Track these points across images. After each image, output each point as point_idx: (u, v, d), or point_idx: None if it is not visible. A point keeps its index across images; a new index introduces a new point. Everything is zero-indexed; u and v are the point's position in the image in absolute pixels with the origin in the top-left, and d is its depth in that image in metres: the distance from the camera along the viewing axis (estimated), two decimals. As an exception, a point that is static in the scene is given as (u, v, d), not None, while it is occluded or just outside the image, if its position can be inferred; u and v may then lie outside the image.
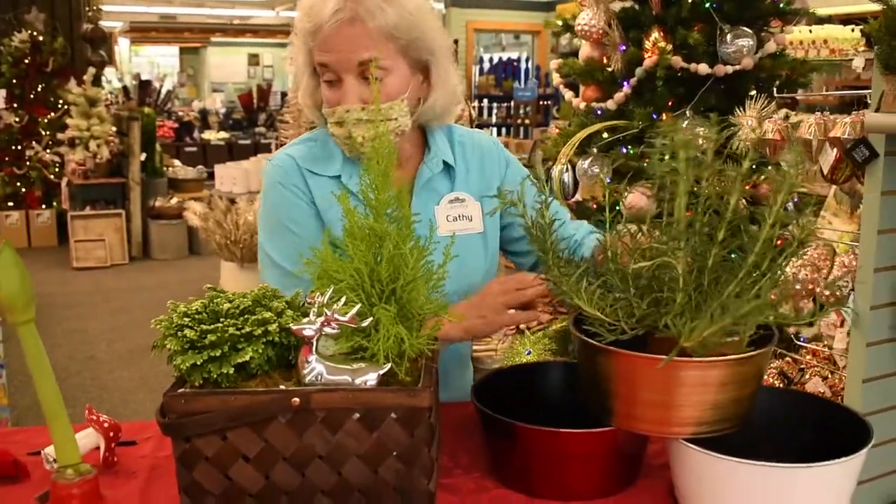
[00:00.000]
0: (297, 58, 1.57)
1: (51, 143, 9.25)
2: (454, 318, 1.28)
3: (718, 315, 1.07)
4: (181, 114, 15.95)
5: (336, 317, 1.16)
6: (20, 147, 9.30)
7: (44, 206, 9.37)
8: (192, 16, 18.98)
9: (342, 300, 1.18)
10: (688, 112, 2.79)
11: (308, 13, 1.48)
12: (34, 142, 9.32)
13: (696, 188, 1.15)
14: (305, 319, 1.16)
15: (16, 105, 9.31)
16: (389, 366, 1.18)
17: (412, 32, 1.51)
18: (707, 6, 2.81)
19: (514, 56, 14.54)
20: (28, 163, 9.28)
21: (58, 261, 8.46)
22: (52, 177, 9.24)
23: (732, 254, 1.12)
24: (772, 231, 1.07)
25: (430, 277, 1.26)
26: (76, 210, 8.38)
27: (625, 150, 2.88)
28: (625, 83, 2.94)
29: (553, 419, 1.26)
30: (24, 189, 9.29)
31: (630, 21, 2.96)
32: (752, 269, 1.11)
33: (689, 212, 1.12)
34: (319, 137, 1.65)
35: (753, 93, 2.74)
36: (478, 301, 1.49)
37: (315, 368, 1.16)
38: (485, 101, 13.05)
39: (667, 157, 1.11)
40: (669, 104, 2.85)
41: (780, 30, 2.95)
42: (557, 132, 3.22)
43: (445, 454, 1.37)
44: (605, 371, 1.17)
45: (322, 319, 1.16)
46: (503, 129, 12.75)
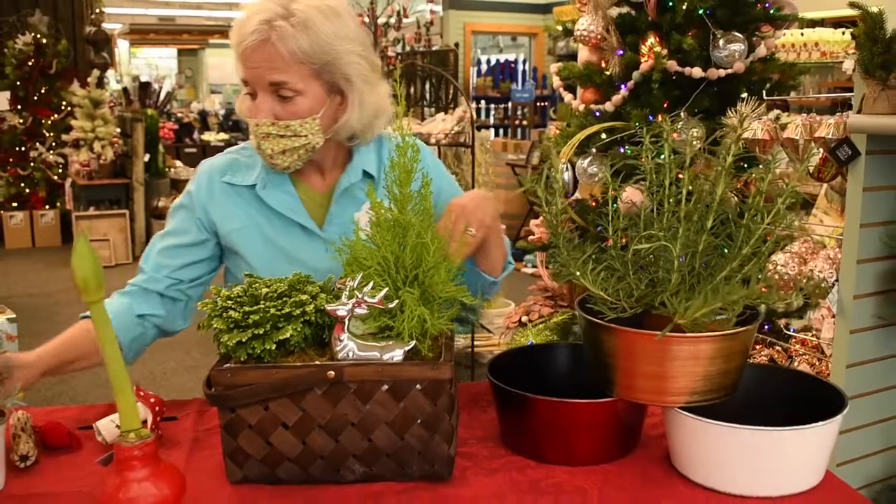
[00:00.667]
0: (235, 69, 1.67)
1: (54, 145, 9.36)
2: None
3: (711, 297, 1.21)
4: (180, 115, 16.06)
5: (366, 299, 1.29)
6: (24, 148, 9.41)
7: (47, 207, 9.49)
8: (191, 17, 19.09)
9: (370, 284, 1.31)
10: (682, 114, 2.92)
11: (235, 30, 1.59)
12: (38, 143, 9.42)
13: (690, 183, 1.28)
14: (338, 301, 1.29)
15: (20, 107, 9.41)
16: (413, 343, 1.32)
17: (325, 58, 1.60)
18: (700, 12, 2.93)
19: (512, 58, 14.67)
20: (32, 164, 9.38)
21: (62, 261, 8.57)
22: (56, 178, 9.36)
23: (721, 241, 1.25)
24: (754, 221, 1.21)
25: (449, 264, 1.39)
26: (80, 210, 8.50)
27: (622, 150, 3.01)
28: (622, 86, 3.06)
29: (559, 393, 1.39)
30: (28, 190, 9.40)
31: (627, 27, 3.09)
32: (738, 255, 1.25)
33: (679, 206, 1.25)
34: (248, 148, 1.77)
35: (745, 95, 2.88)
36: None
37: (347, 345, 1.30)
38: (482, 103, 13.18)
39: (655, 154, 1.24)
40: (665, 106, 2.97)
41: (771, 35, 3.08)
42: (557, 133, 3.35)
43: (461, 426, 1.50)
44: (608, 347, 1.31)
45: (353, 301, 1.29)
46: (501, 130, 12.87)
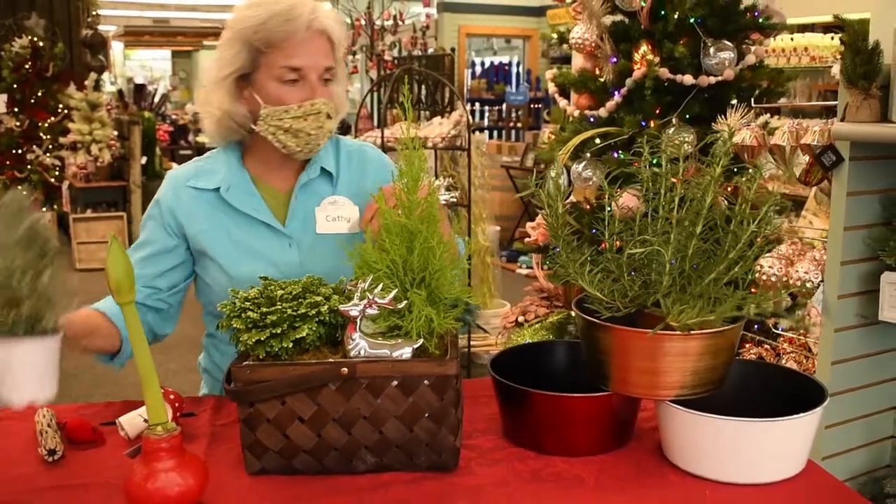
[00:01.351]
0: (231, 63, 1.73)
1: (51, 147, 9.42)
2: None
3: (704, 307, 1.30)
4: (175, 117, 16.11)
5: (376, 300, 1.38)
6: (21, 151, 9.46)
7: (44, 209, 9.53)
8: (185, 20, 19.14)
9: (380, 286, 1.40)
10: (674, 120, 3.01)
11: (271, 22, 1.67)
12: (35, 146, 9.48)
13: (682, 189, 1.37)
14: (351, 302, 1.38)
15: (16, 109, 9.47)
16: (421, 341, 1.40)
17: (339, 53, 1.79)
18: (692, 21, 3.02)
19: (506, 60, 14.77)
20: (29, 167, 9.43)
21: (60, 262, 8.55)
22: (53, 180, 9.41)
23: (709, 245, 1.34)
24: (740, 227, 1.30)
25: (454, 266, 1.48)
26: (77, 213, 8.55)
27: (616, 155, 3.10)
28: (616, 92, 3.15)
29: (557, 389, 1.47)
30: (25, 192, 9.43)
31: (620, 35, 3.18)
32: (725, 259, 1.34)
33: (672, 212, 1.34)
34: (211, 156, 1.87)
35: (734, 102, 2.97)
36: None
37: (359, 344, 1.38)
38: (476, 105, 13.26)
39: (653, 161, 1.33)
40: (657, 112, 3.07)
41: (760, 43, 3.17)
42: (553, 138, 3.44)
43: (464, 421, 1.58)
44: (603, 344, 1.40)
45: (365, 302, 1.37)
46: (495, 132, 12.96)
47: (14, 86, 9.47)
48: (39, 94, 9.55)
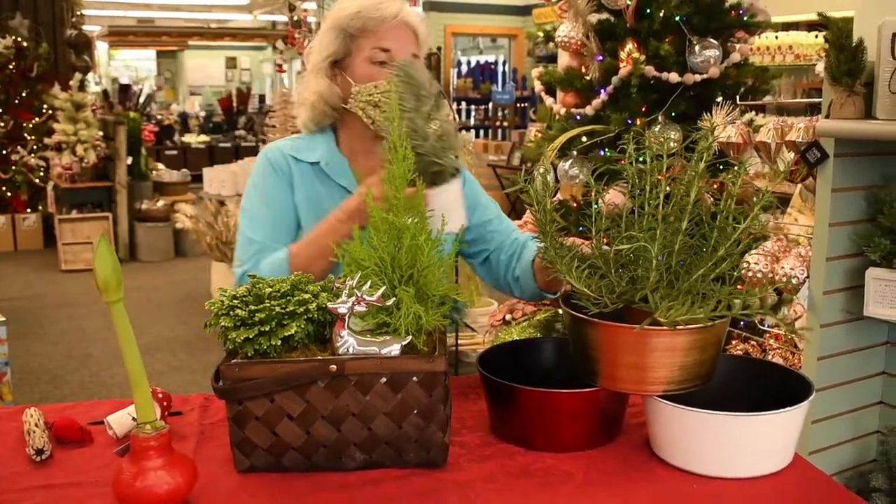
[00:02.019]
0: (327, 48, 1.87)
1: (36, 148, 9.37)
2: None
3: (694, 303, 1.30)
4: (160, 117, 16.06)
5: (365, 297, 1.38)
6: (6, 152, 9.41)
7: (29, 210, 9.50)
8: (170, 19, 19.07)
9: (368, 283, 1.40)
10: (660, 117, 3.02)
11: (365, 10, 1.84)
12: (19, 146, 9.43)
13: (667, 186, 1.37)
14: (339, 299, 1.38)
15: (1, 110, 9.41)
16: (410, 338, 1.40)
17: (422, 53, 1.92)
18: (677, 19, 3.03)
19: (492, 59, 14.78)
20: (14, 167, 9.38)
21: (46, 263, 8.59)
22: (38, 181, 9.36)
23: (696, 241, 1.35)
24: (726, 222, 1.31)
25: (442, 264, 1.48)
26: (63, 214, 8.52)
27: (602, 153, 3.11)
28: (602, 90, 3.16)
29: (545, 384, 1.48)
30: (10, 193, 9.41)
31: (606, 33, 3.19)
32: (713, 256, 1.35)
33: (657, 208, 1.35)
34: (305, 137, 1.96)
35: (720, 99, 2.98)
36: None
37: (348, 341, 1.38)
38: (463, 104, 13.27)
39: (638, 158, 1.34)
40: (643, 110, 3.08)
41: (744, 41, 3.19)
42: (539, 136, 3.44)
43: (453, 418, 1.59)
44: (591, 340, 1.40)
45: (353, 299, 1.38)
46: (481, 131, 12.97)
47: (-2, 86, 9.43)
48: (24, 95, 9.48)
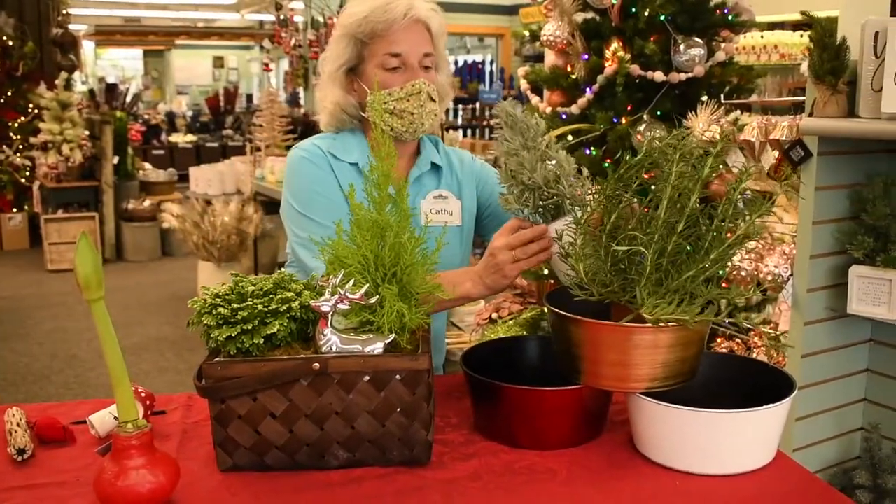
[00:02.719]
0: (340, 57, 1.86)
1: (21, 147, 9.32)
2: (445, 295, 1.50)
3: (684, 305, 1.30)
4: (147, 116, 16.00)
5: (348, 295, 1.38)
6: (-9, 151, 9.38)
7: (15, 210, 9.45)
8: (157, 19, 19.01)
9: (351, 281, 1.40)
10: (645, 116, 3.03)
11: (372, 15, 1.82)
12: (5, 146, 9.38)
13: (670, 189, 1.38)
14: (322, 297, 1.38)
15: (-14, 109, 9.38)
16: (393, 336, 1.40)
17: (439, 42, 1.89)
18: (662, 18, 3.04)
19: (479, 59, 14.78)
20: (-1, 167, 9.36)
21: (31, 263, 8.55)
22: (24, 180, 9.31)
23: (689, 242, 1.35)
24: (722, 225, 1.31)
25: (425, 262, 1.48)
26: (49, 213, 8.47)
27: (588, 152, 3.11)
28: (587, 89, 3.16)
29: (528, 383, 1.48)
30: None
31: (592, 32, 3.20)
32: (706, 259, 1.35)
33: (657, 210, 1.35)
34: (337, 136, 1.93)
35: (705, 98, 2.99)
36: (489, 258, 1.68)
37: (331, 339, 1.38)
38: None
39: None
40: (628, 109, 3.09)
41: (729, 40, 3.20)
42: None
43: (437, 416, 1.59)
44: (575, 337, 1.40)
45: (336, 297, 1.37)
46: (469, 131, 12.97)
47: (-17, 85, 9.38)
48: (9, 94, 9.44)
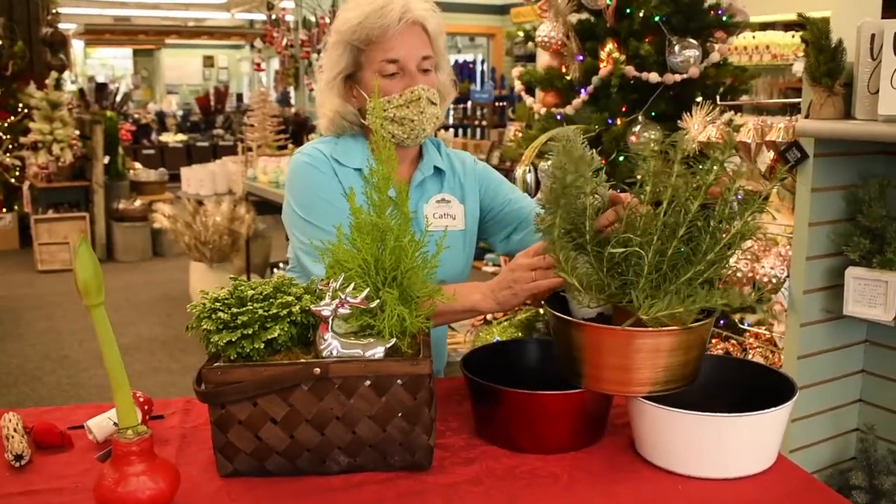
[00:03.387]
0: (337, 64, 1.83)
1: (11, 147, 9.28)
2: (445, 299, 1.49)
3: (675, 301, 1.30)
4: (137, 116, 15.94)
5: (348, 300, 1.37)
6: (-20, 151, 9.33)
7: (5, 210, 9.40)
8: (147, 18, 18.95)
9: (352, 285, 1.39)
10: (640, 117, 3.03)
11: (367, 21, 1.76)
12: (-6, 146, 9.36)
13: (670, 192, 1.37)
14: (323, 301, 1.37)
15: (-25, 110, 9.33)
16: (394, 341, 1.40)
17: (438, 42, 1.85)
18: (657, 19, 3.04)
19: (470, 58, 14.78)
20: (-12, 167, 9.31)
21: (22, 264, 8.51)
22: (14, 181, 9.27)
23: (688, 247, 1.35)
24: (718, 226, 1.31)
25: (426, 265, 1.47)
26: (39, 213, 8.44)
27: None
28: (582, 90, 3.16)
29: (528, 386, 1.48)
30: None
31: (586, 33, 3.20)
32: (703, 260, 1.35)
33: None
34: (339, 141, 1.90)
35: (700, 99, 2.99)
36: (507, 274, 1.66)
37: (331, 344, 1.37)
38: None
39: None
40: (623, 110, 3.09)
41: (723, 41, 3.20)
42: (520, 136, 3.45)
43: (437, 419, 1.58)
44: (576, 342, 1.40)
45: (337, 302, 1.36)
46: (460, 130, 12.96)
47: (-28, 85, 9.32)
48: (-1, 94, 9.41)
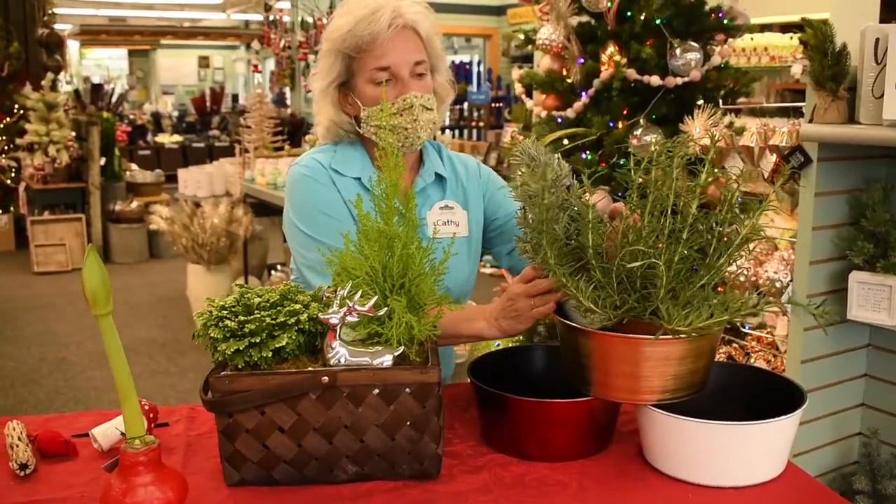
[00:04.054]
0: (330, 73, 1.80)
1: (7, 149, 9.25)
2: (453, 307, 1.49)
3: (718, 311, 1.29)
4: (133, 117, 15.90)
5: (356, 307, 1.36)
6: (-24, 153, 9.30)
7: (1, 212, 9.37)
8: (142, 18, 18.91)
9: (359, 293, 1.38)
10: (641, 120, 3.03)
11: (356, 28, 1.73)
12: (-10, 147, 9.32)
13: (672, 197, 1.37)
14: (330, 309, 1.36)
15: (-29, 111, 9.30)
16: (402, 349, 1.39)
17: (433, 44, 1.81)
18: (658, 22, 3.04)
19: (467, 59, 14.77)
20: (-16, 168, 9.28)
21: (18, 265, 8.49)
22: (9, 182, 9.24)
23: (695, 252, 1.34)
24: (722, 230, 1.31)
25: (433, 272, 1.46)
26: (35, 215, 8.41)
27: (584, 156, 3.11)
28: (583, 93, 3.16)
29: (537, 392, 1.47)
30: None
31: (587, 36, 3.20)
32: (715, 265, 1.34)
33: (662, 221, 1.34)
34: (338, 148, 1.87)
35: (701, 102, 2.99)
36: (507, 304, 1.63)
37: (339, 352, 1.36)
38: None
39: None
40: (624, 113, 3.09)
41: (724, 43, 3.20)
42: (520, 139, 3.44)
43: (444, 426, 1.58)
44: (585, 349, 1.39)
45: (345, 310, 1.36)
46: (457, 132, 12.95)
47: (-32, 86, 9.29)
48: (-6, 95, 9.38)
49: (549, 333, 3.07)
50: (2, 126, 9.28)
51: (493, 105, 12.56)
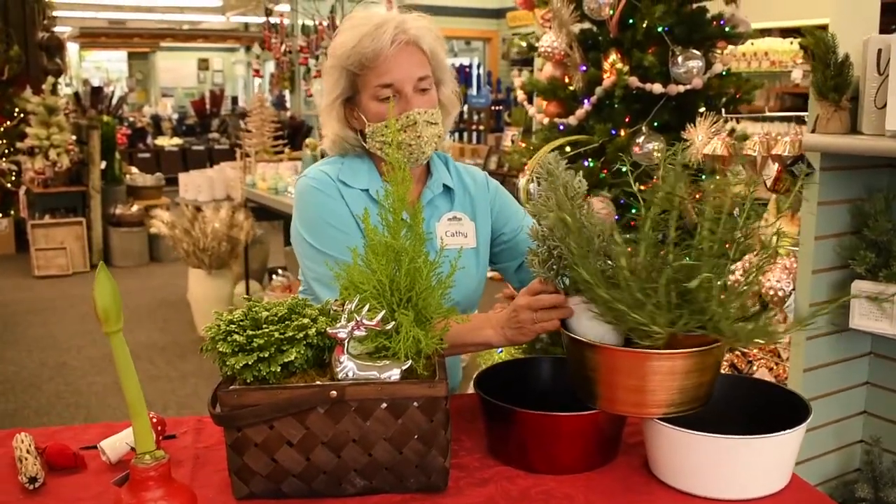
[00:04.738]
0: (335, 89, 1.81)
1: (7, 152, 9.25)
2: (459, 320, 1.50)
3: (766, 324, 1.31)
4: (133, 119, 15.90)
5: (364, 321, 1.37)
6: (-24, 156, 9.30)
7: (1, 215, 9.37)
8: (142, 21, 18.92)
9: (367, 307, 1.39)
10: (643, 128, 3.04)
11: (360, 45, 1.74)
12: (-10, 151, 9.33)
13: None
14: (338, 324, 1.37)
15: (-29, 115, 9.30)
16: (410, 363, 1.40)
17: (437, 57, 1.83)
18: (660, 30, 3.05)
19: (466, 62, 14.78)
20: (-16, 172, 9.28)
21: (18, 269, 8.48)
22: (10, 185, 9.24)
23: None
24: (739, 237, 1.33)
25: (440, 286, 1.47)
26: (35, 219, 8.41)
27: (586, 163, 3.12)
28: (585, 101, 3.17)
29: (543, 405, 1.48)
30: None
31: (590, 44, 3.20)
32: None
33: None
34: (345, 161, 1.88)
35: (703, 109, 3.00)
36: (512, 314, 1.65)
37: (347, 366, 1.37)
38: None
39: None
40: (627, 121, 3.10)
41: (726, 51, 3.21)
42: (523, 145, 3.45)
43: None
44: (591, 363, 1.40)
45: (353, 324, 1.37)
46: (457, 135, 12.95)
47: (-32, 90, 9.29)
48: (-6, 99, 9.38)
49: (552, 340, 3.08)
50: (2, 130, 9.28)
51: (493, 108, 12.57)
